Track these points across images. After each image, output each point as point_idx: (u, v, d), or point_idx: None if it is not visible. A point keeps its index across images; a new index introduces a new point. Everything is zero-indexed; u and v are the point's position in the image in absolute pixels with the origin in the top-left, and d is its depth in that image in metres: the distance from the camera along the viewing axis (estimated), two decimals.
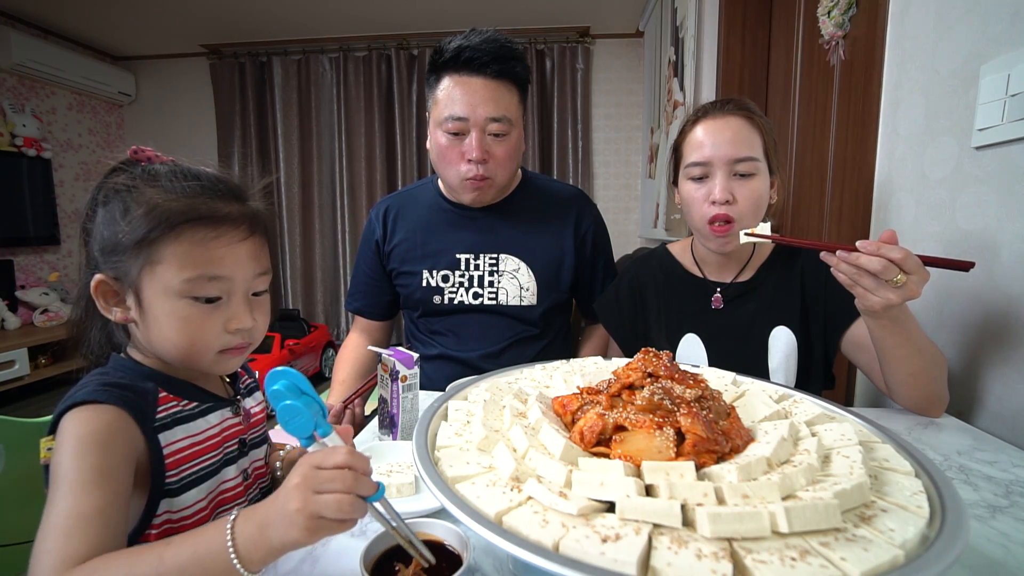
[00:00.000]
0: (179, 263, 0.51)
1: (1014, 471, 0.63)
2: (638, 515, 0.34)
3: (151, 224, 0.50)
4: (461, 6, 3.30)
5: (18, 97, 3.35)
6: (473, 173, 1.02)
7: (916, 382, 0.76)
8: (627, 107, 3.78)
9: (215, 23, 3.50)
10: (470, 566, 0.44)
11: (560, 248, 1.14)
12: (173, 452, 0.53)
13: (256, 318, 0.57)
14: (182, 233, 0.51)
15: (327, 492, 0.39)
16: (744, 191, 0.85)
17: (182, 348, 0.54)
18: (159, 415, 0.53)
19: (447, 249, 1.13)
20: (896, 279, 0.64)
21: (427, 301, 1.15)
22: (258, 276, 0.57)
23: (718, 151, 0.85)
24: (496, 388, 0.60)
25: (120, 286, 0.53)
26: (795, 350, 0.90)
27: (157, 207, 0.51)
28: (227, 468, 0.59)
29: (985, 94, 0.78)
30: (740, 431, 0.46)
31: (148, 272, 0.51)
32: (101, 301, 0.54)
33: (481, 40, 0.99)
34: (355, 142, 3.85)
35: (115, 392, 0.50)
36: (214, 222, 0.53)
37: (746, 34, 1.91)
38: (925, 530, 0.34)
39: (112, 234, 0.52)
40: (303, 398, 0.41)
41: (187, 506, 0.53)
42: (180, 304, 0.52)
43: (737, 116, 0.87)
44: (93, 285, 0.53)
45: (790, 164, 1.72)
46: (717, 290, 0.96)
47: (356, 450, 0.42)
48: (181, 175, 0.54)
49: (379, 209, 1.21)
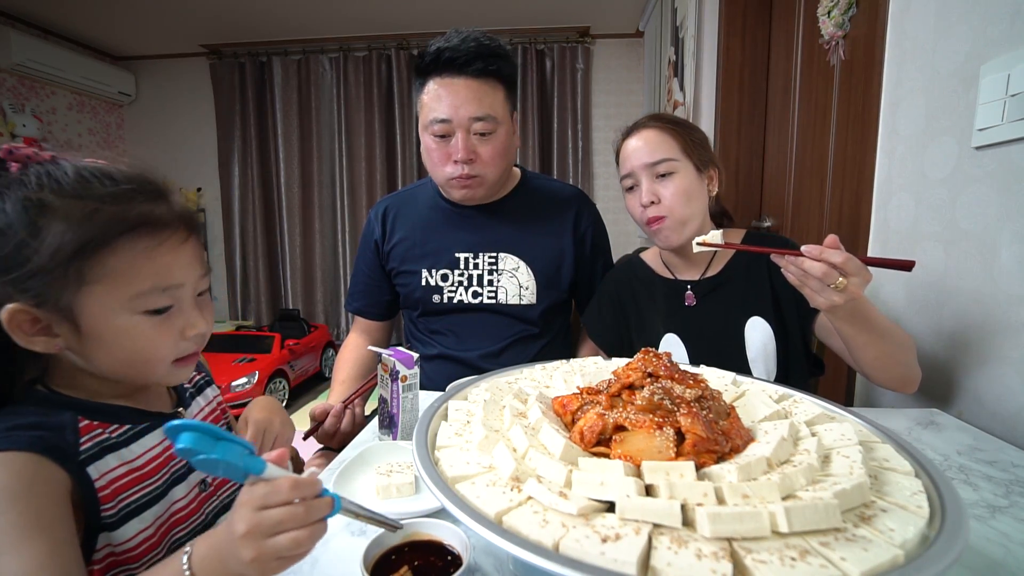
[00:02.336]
0: (124, 279, 0.46)
1: (1014, 471, 0.63)
2: (638, 515, 0.34)
3: (80, 242, 0.44)
4: (461, 6, 3.30)
5: (18, 97, 3.35)
6: (459, 173, 1.02)
7: (882, 364, 0.79)
8: (627, 107, 3.78)
9: (215, 23, 3.50)
10: (470, 566, 0.44)
11: (559, 247, 1.15)
12: (109, 483, 0.48)
13: (207, 318, 0.54)
14: (118, 246, 0.46)
15: (280, 533, 0.37)
16: (667, 189, 0.94)
17: (136, 365, 0.49)
18: (84, 446, 0.48)
19: (446, 248, 1.14)
20: (838, 282, 0.67)
21: (426, 300, 1.15)
22: (203, 277, 0.54)
23: (636, 161, 0.96)
24: (496, 388, 0.60)
25: (44, 313, 0.46)
26: (772, 339, 0.93)
27: (80, 220, 0.44)
28: (175, 488, 0.54)
29: (985, 94, 0.78)
30: (740, 431, 0.46)
31: (85, 293, 0.45)
32: (19, 334, 0.46)
33: (461, 40, 0.99)
34: (355, 142, 3.85)
35: (23, 436, 0.44)
36: (152, 228, 0.48)
37: (746, 34, 1.91)
38: (925, 530, 0.34)
39: (17, 256, 0.43)
40: (219, 445, 0.36)
41: (129, 538, 0.49)
42: (131, 321, 0.47)
43: (649, 128, 0.97)
44: (6, 318, 0.45)
45: (790, 164, 1.72)
46: (688, 288, 1.00)
47: (298, 476, 0.38)
48: (92, 176, 0.47)
49: (378, 209, 1.21)
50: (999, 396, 0.78)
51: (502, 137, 1.04)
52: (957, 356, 0.86)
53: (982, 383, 0.81)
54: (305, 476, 0.39)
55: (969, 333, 0.84)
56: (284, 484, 0.37)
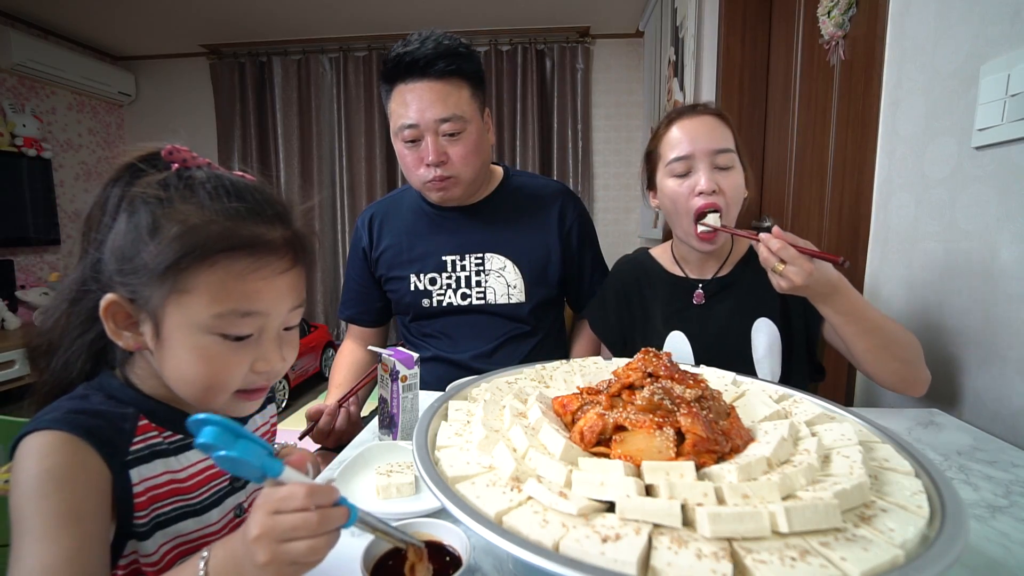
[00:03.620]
0: (211, 296, 0.45)
1: (1014, 471, 0.63)
2: (638, 515, 0.34)
3: (184, 249, 0.44)
4: (461, 6, 3.30)
5: (18, 97, 3.35)
6: (433, 175, 1.03)
7: (874, 357, 0.79)
8: (627, 107, 3.78)
9: (215, 23, 3.50)
10: (470, 566, 0.44)
11: (546, 244, 1.15)
12: (146, 490, 0.48)
13: (285, 356, 0.51)
14: (217, 262, 0.45)
15: (294, 539, 0.36)
16: (727, 182, 0.89)
17: (198, 387, 0.48)
18: (135, 446, 0.48)
19: (433, 252, 1.14)
20: (776, 267, 0.73)
21: (416, 305, 1.15)
22: (293, 310, 0.51)
23: (698, 144, 0.89)
24: (496, 388, 0.60)
25: (135, 309, 0.47)
26: (778, 341, 0.92)
27: (194, 230, 0.44)
28: (211, 512, 0.53)
29: (985, 94, 0.78)
30: (740, 431, 0.46)
31: (174, 301, 0.45)
32: (111, 324, 0.47)
33: (420, 43, 0.99)
34: (355, 142, 3.85)
35: (83, 420, 0.45)
36: (255, 251, 0.47)
37: (746, 34, 1.91)
38: (925, 530, 0.34)
39: (134, 251, 0.45)
40: (239, 443, 0.35)
41: (154, 551, 0.48)
42: (206, 340, 0.46)
43: (709, 115, 0.92)
44: (103, 306, 0.46)
45: (790, 164, 1.72)
46: (699, 286, 0.99)
47: (315, 482, 0.38)
48: (224, 191, 0.47)
49: (364, 217, 1.22)
50: (999, 396, 0.78)
51: (472, 136, 1.04)
52: (957, 356, 0.86)
53: (982, 383, 0.81)
54: (322, 483, 0.38)
55: (969, 333, 0.84)
56: (300, 490, 0.37)
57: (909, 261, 0.98)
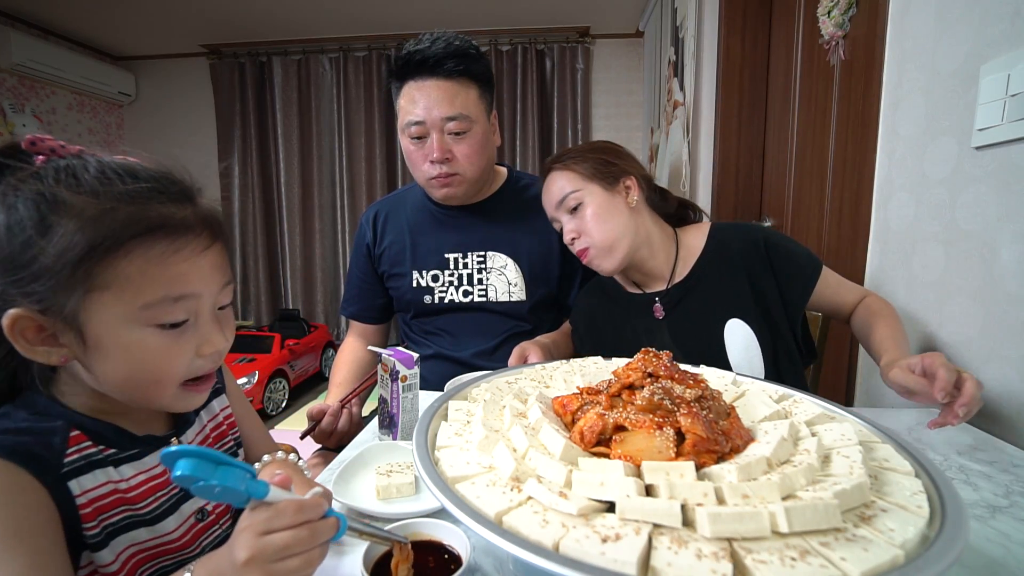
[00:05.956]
0: (134, 287, 0.42)
1: (1014, 471, 0.63)
2: (638, 515, 0.34)
3: (90, 243, 0.40)
4: (461, 6, 3.30)
5: (18, 97, 3.35)
6: (436, 172, 1.04)
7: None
8: (627, 107, 3.78)
9: (215, 23, 3.50)
10: (470, 566, 0.44)
11: (547, 243, 1.16)
12: (90, 501, 0.45)
13: (227, 335, 0.49)
14: (132, 250, 0.42)
15: (288, 558, 0.35)
16: (583, 220, 0.93)
17: (143, 385, 0.46)
18: (69, 457, 0.45)
19: (435, 249, 1.15)
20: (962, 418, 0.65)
21: (418, 302, 1.16)
22: (224, 287, 0.49)
23: (548, 207, 0.98)
24: (496, 388, 0.60)
25: (49, 321, 0.42)
26: (755, 340, 0.90)
27: (95, 220, 0.40)
28: (168, 520, 0.51)
29: (985, 94, 0.78)
30: (740, 431, 0.46)
31: (92, 301, 0.42)
32: (21, 342, 0.43)
33: (431, 42, 1.00)
34: (355, 142, 3.85)
35: (5, 440, 0.42)
36: (171, 233, 0.43)
37: (746, 34, 1.91)
38: (925, 530, 0.34)
39: (25, 256, 0.40)
40: (219, 471, 0.34)
41: (110, 561, 0.46)
42: (140, 334, 0.43)
43: (548, 174, 0.97)
44: (7, 324, 0.41)
45: (790, 164, 1.72)
46: (655, 300, 0.98)
47: (302, 497, 0.37)
48: (115, 175, 0.43)
49: (369, 214, 1.23)
50: (999, 396, 0.78)
51: (478, 136, 1.05)
52: (957, 356, 0.86)
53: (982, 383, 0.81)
54: (309, 498, 0.38)
55: (969, 333, 0.84)
56: (289, 508, 0.36)
57: (909, 261, 0.98)
